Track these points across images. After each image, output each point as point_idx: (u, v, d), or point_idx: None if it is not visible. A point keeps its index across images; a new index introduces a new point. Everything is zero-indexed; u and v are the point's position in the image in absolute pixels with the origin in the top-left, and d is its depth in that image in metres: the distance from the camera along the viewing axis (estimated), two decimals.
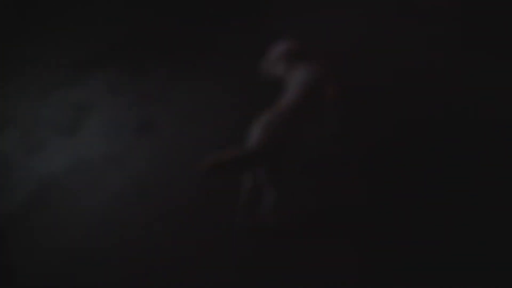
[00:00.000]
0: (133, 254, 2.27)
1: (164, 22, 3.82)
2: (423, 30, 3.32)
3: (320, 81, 1.98)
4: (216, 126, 2.89)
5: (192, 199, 2.48)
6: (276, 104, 1.95)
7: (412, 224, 2.25)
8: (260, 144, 1.79)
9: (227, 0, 3.94)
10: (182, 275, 2.15)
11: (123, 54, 3.54)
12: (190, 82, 3.27)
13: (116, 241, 2.34)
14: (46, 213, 2.50)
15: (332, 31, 3.39)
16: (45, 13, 3.94)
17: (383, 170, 2.51)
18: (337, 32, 3.38)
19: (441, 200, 2.34)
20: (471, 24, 3.34)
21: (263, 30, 3.53)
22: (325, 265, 2.11)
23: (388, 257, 2.13)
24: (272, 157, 1.82)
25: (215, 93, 3.14)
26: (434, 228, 2.23)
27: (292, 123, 1.85)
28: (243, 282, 2.09)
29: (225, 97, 3.10)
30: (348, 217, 2.31)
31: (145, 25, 3.79)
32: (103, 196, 2.56)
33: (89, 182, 2.64)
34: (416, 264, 2.09)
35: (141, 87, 3.29)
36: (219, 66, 3.34)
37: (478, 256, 2.11)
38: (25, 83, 3.35)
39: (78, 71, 3.40)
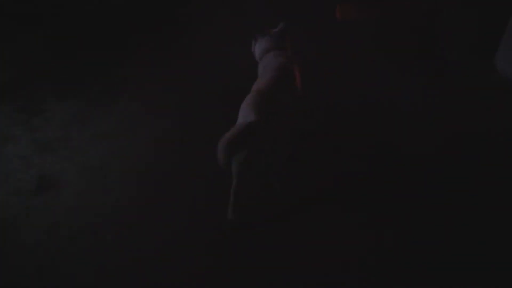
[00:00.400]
0: None
1: (66, 52, 3.41)
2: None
3: (289, 63, 2.23)
4: (132, 177, 2.49)
5: (105, 277, 2.07)
6: (255, 84, 2.15)
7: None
8: (258, 115, 1.87)
9: (135, 27, 3.70)
10: None
11: (16, 93, 3.04)
12: (100, 123, 2.82)
13: None
14: None
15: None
16: None
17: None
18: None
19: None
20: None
21: (174, 55, 3.38)
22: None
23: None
24: (275, 124, 1.92)
25: (130, 135, 2.73)
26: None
27: (276, 96, 2.01)
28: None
29: (142, 139, 2.70)
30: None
31: (43, 55, 3.34)
32: None
33: None
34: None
35: (39, 132, 2.76)
36: (133, 102, 2.99)
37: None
38: None
39: None
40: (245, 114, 1.93)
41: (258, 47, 2.37)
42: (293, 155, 2.44)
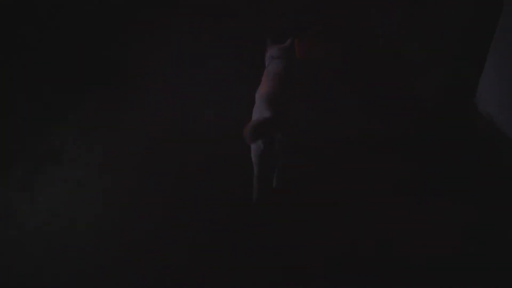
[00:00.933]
0: None
1: None
2: None
3: (292, 68, 2.47)
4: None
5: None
6: (260, 88, 2.33)
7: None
8: (273, 110, 2.10)
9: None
10: None
11: None
12: (29, 217, 2.29)
13: None
14: None
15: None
16: None
17: None
18: None
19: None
20: None
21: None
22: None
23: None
24: (285, 119, 2.14)
25: (67, 229, 2.24)
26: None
27: (282, 95, 2.23)
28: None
29: (85, 234, 2.23)
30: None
31: None
32: None
33: None
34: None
35: None
36: (68, 184, 2.47)
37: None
38: None
39: None
40: (260, 111, 2.15)
41: (268, 54, 2.55)
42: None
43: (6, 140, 2.70)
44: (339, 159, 2.60)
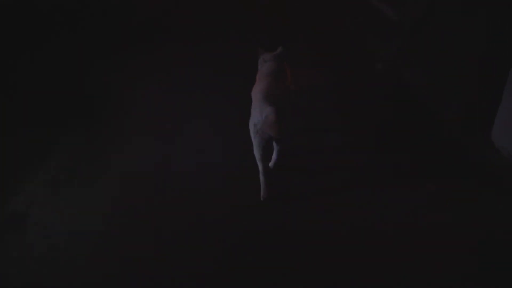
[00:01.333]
0: None
1: None
2: None
3: (283, 68, 2.63)
4: None
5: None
6: (255, 87, 2.49)
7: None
8: (273, 106, 2.24)
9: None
10: None
11: None
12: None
13: None
14: None
15: None
16: None
17: None
18: None
19: None
20: None
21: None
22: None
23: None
24: (282, 111, 2.25)
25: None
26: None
27: (276, 91, 2.39)
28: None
29: None
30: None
31: None
32: None
33: None
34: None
35: None
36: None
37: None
38: None
39: None
40: (260, 105, 2.30)
41: (260, 59, 2.68)
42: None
43: None
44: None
